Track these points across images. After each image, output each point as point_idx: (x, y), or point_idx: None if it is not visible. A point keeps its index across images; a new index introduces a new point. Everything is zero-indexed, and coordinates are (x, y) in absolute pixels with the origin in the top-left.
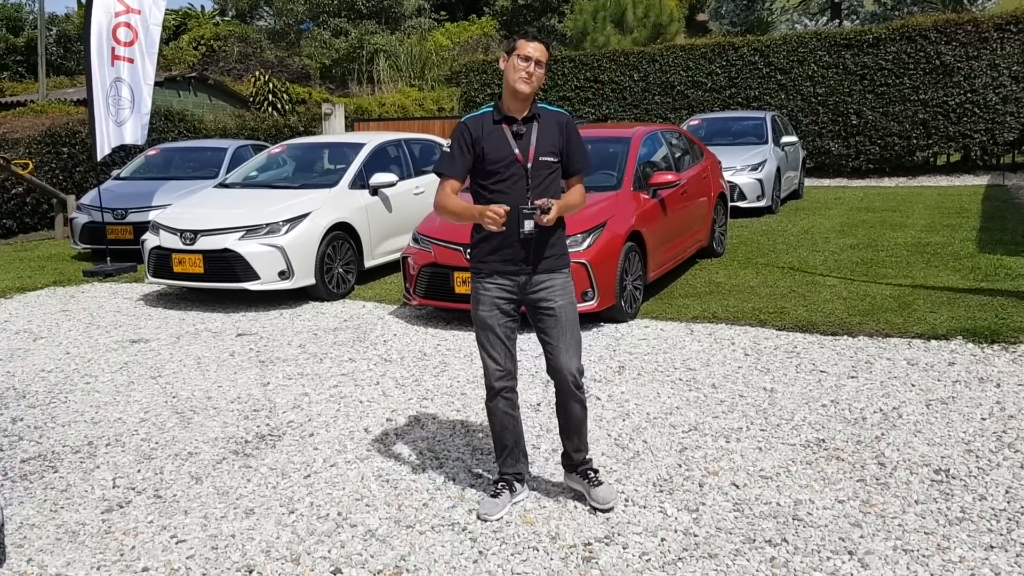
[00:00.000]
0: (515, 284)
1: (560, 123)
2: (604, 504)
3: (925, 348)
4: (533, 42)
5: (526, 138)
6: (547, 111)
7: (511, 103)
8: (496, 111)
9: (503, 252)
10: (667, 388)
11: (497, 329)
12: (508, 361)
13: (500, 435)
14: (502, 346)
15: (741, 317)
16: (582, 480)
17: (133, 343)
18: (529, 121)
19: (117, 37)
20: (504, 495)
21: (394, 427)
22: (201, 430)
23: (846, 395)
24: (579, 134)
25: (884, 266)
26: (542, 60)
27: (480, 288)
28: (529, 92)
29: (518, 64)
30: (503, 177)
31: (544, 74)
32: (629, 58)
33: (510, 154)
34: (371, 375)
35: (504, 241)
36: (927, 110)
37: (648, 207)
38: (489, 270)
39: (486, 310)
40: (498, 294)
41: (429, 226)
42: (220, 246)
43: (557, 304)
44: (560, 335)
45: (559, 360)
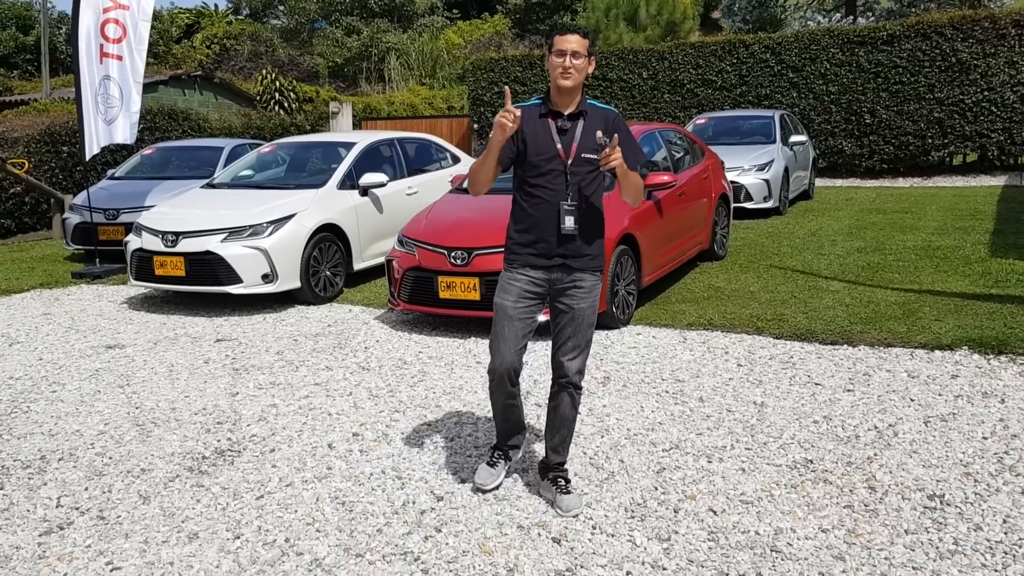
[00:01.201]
0: (546, 279)
1: (607, 120)
2: (566, 511)
3: (928, 359)
4: (568, 34)
5: (570, 134)
6: (596, 108)
7: (557, 98)
8: (544, 104)
9: (539, 245)
10: (652, 401)
11: (515, 321)
12: (516, 357)
13: (502, 420)
14: (515, 338)
15: (738, 324)
16: (552, 487)
17: (108, 349)
18: (576, 117)
19: (105, 34)
20: (500, 464)
21: (359, 443)
22: (159, 444)
23: (840, 410)
24: (629, 131)
25: (891, 271)
26: (580, 51)
27: (509, 278)
28: (571, 86)
29: (555, 60)
30: (543, 171)
31: (586, 64)
32: (638, 56)
33: (552, 149)
34: (345, 385)
35: (542, 234)
36: (943, 109)
37: (643, 209)
38: (522, 262)
39: (511, 300)
40: (527, 287)
41: (414, 228)
42: (202, 248)
43: (579, 306)
44: (572, 334)
45: (564, 356)
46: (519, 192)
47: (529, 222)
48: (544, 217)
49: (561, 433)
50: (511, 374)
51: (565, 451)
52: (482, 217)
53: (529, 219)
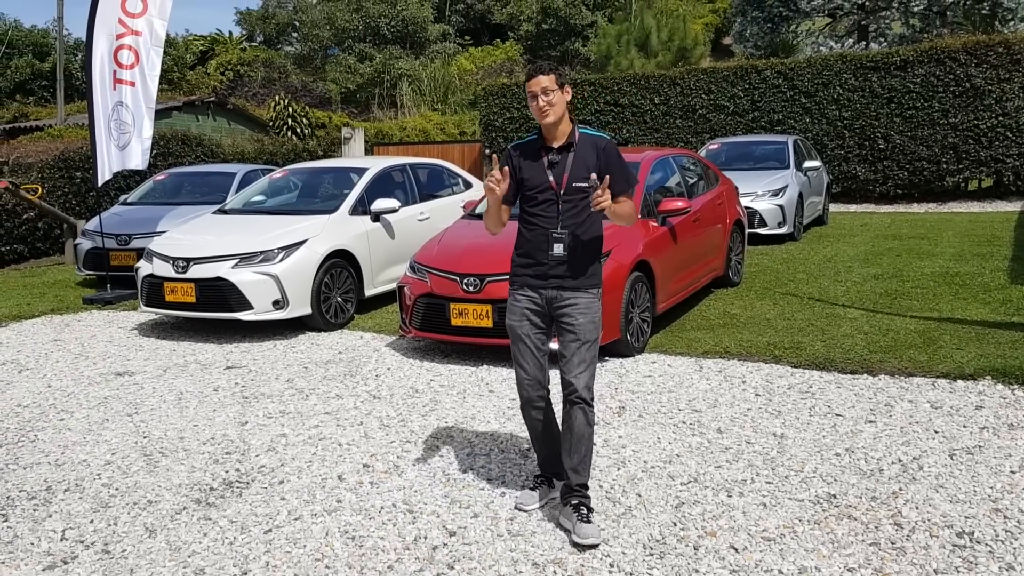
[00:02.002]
0: (543, 298)
1: (598, 147)
2: (583, 540)
3: (951, 389)
4: (534, 77)
5: (560, 165)
6: (586, 136)
7: (546, 132)
8: (539, 139)
9: (535, 268)
10: (669, 432)
11: (527, 340)
12: (537, 371)
13: (537, 440)
14: (532, 356)
15: (755, 352)
16: (573, 514)
17: (118, 376)
18: (565, 149)
19: (119, 60)
20: (542, 489)
21: (370, 475)
22: (166, 475)
23: (862, 442)
24: (619, 156)
25: (909, 298)
26: (549, 87)
27: (512, 299)
28: (553, 121)
29: (532, 104)
30: (538, 202)
31: (561, 95)
32: (650, 81)
33: (544, 181)
34: (356, 414)
35: (536, 258)
36: (957, 134)
37: (657, 235)
38: (521, 283)
39: (516, 320)
40: (527, 305)
41: (426, 254)
42: (213, 274)
43: (578, 322)
44: (576, 351)
45: (570, 374)
46: (520, 219)
47: (527, 247)
48: (537, 242)
49: (579, 452)
50: (537, 388)
51: (586, 471)
52: (495, 243)
53: (527, 244)
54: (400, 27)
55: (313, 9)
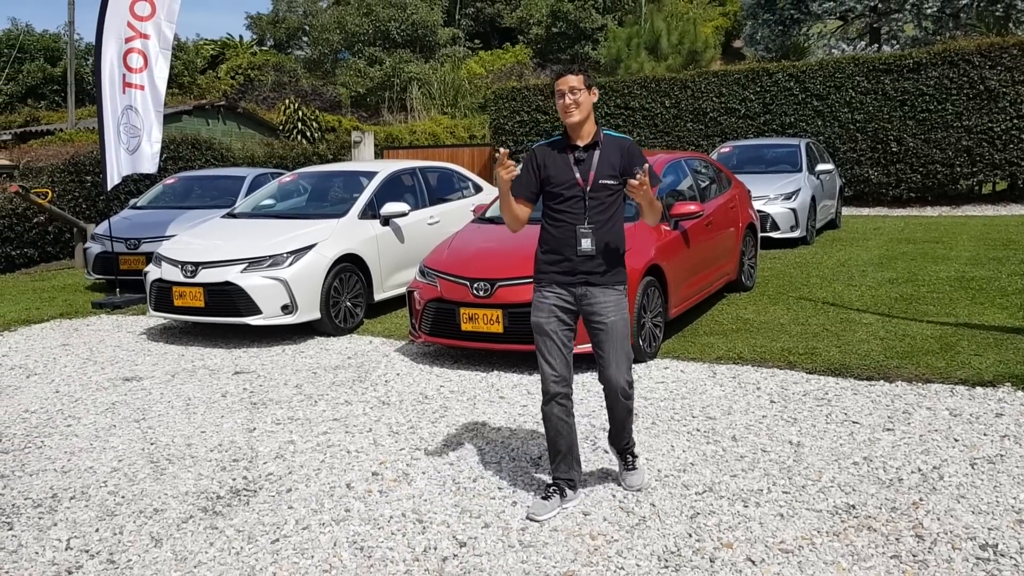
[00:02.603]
0: (571, 295)
1: (622, 147)
2: (631, 488)
3: (970, 396)
4: (563, 76)
5: (587, 163)
6: (611, 137)
7: (571, 131)
8: (564, 139)
9: (562, 265)
10: (683, 440)
11: (553, 336)
12: (563, 368)
13: (554, 440)
14: (558, 352)
15: (769, 358)
16: (620, 461)
17: (126, 381)
18: (592, 148)
19: (128, 64)
20: (554, 499)
21: (379, 483)
22: (173, 483)
23: (880, 451)
24: (642, 157)
25: (925, 302)
26: (577, 87)
27: (539, 296)
28: (578, 120)
29: (558, 101)
30: (564, 199)
31: (587, 96)
32: (660, 84)
33: (571, 178)
34: (365, 420)
35: (564, 255)
36: (971, 137)
37: (669, 239)
38: (548, 280)
39: (543, 317)
40: (555, 302)
41: (436, 259)
42: (221, 279)
43: (609, 320)
44: (611, 349)
45: (608, 372)
46: (545, 217)
47: (553, 244)
48: (565, 239)
49: (623, 432)
50: (562, 384)
51: (629, 438)
52: (505, 247)
53: (553, 241)
54: (410, 31)
55: (323, 13)
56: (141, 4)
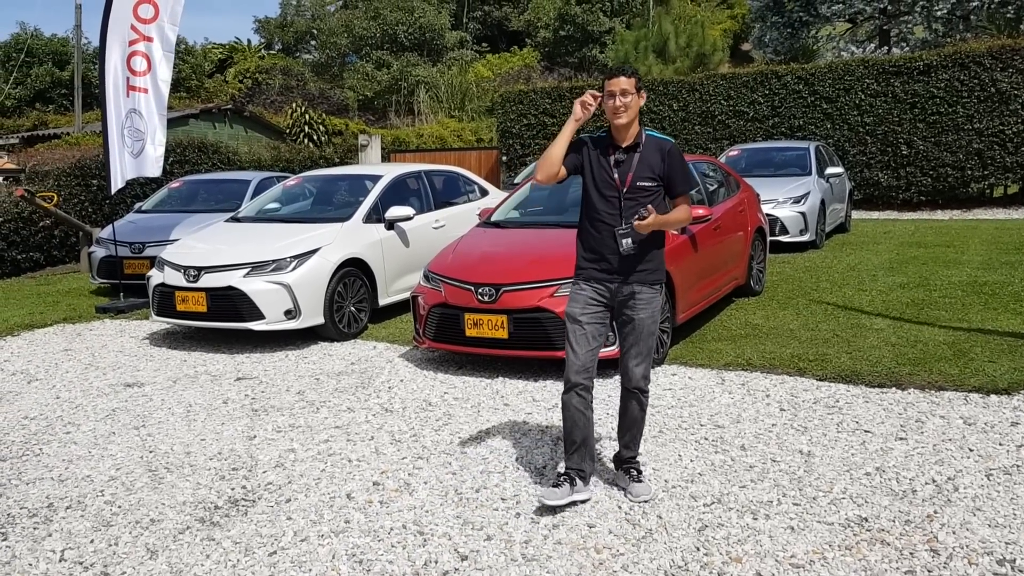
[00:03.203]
0: (608, 291)
1: (663, 150)
2: (637, 498)
3: (984, 404)
4: (615, 78)
5: (626, 164)
6: (652, 138)
7: (615, 132)
8: (608, 138)
9: (601, 263)
10: (690, 449)
11: (585, 325)
12: (589, 359)
13: (570, 431)
14: (586, 343)
15: (778, 365)
16: (625, 476)
17: (127, 387)
18: (633, 149)
19: (132, 67)
20: (565, 487)
21: (380, 493)
22: (171, 492)
23: (893, 461)
24: (682, 159)
25: (937, 308)
26: (628, 89)
27: (576, 288)
28: (625, 122)
29: (608, 102)
30: (602, 198)
31: (637, 99)
32: (668, 87)
33: (610, 178)
34: (367, 428)
35: (604, 253)
36: (982, 139)
37: (676, 244)
38: (586, 276)
39: (578, 308)
40: (591, 295)
41: (440, 263)
42: (224, 283)
43: (638, 316)
44: (634, 343)
45: (628, 363)
46: (583, 216)
47: (592, 242)
48: (604, 238)
49: (632, 432)
50: (584, 374)
51: (636, 446)
52: (511, 252)
53: (592, 239)
54: (417, 34)
55: (331, 17)
56: (144, 7)
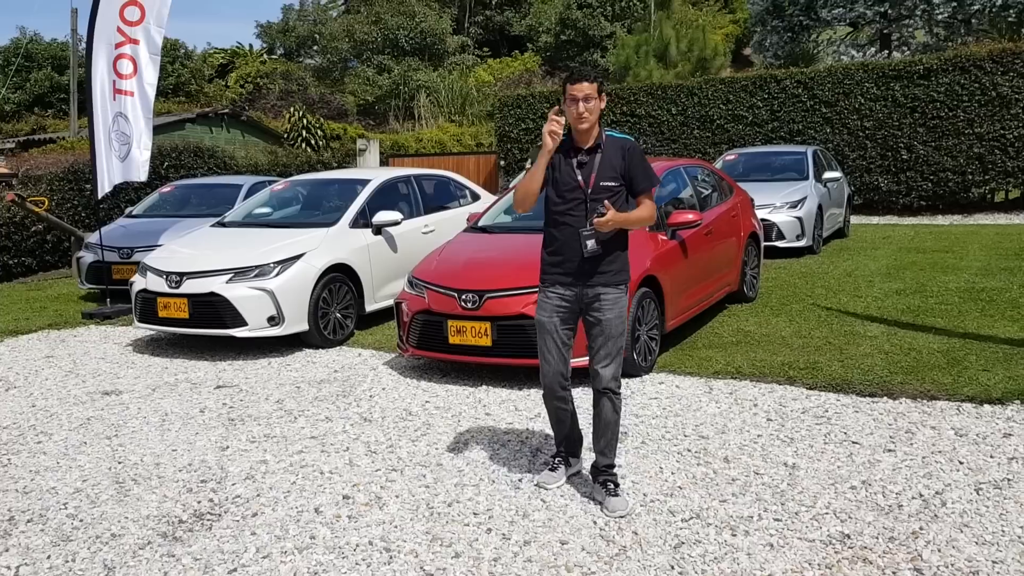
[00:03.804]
0: (574, 295)
1: (623, 149)
2: (613, 512)
3: (977, 414)
4: (577, 83)
5: (588, 166)
6: (612, 138)
7: (577, 136)
8: (567, 140)
9: (565, 266)
10: (672, 461)
11: (554, 334)
12: (561, 364)
13: (556, 426)
14: (557, 350)
15: (768, 373)
16: (602, 489)
17: (105, 395)
18: (593, 151)
19: (118, 70)
20: (560, 469)
21: (349, 507)
22: (136, 505)
23: (880, 474)
24: (642, 157)
25: (933, 315)
26: (591, 95)
27: (543, 296)
28: (587, 127)
29: (570, 106)
30: (567, 201)
31: (598, 103)
32: (667, 92)
33: (573, 181)
34: (343, 438)
35: (567, 257)
36: (983, 144)
37: (666, 249)
38: (551, 281)
39: (546, 316)
40: (558, 302)
41: (425, 269)
42: (206, 289)
43: (605, 317)
44: (603, 344)
45: (598, 365)
46: (547, 220)
47: (556, 245)
48: (569, 241)
49: (606, 437)
50: (559, 379)
51: (612, 453)
52: (495, 258)
53: (556, 243)
54: (419, 39)
55: (332, 22)
56: (130, 9)
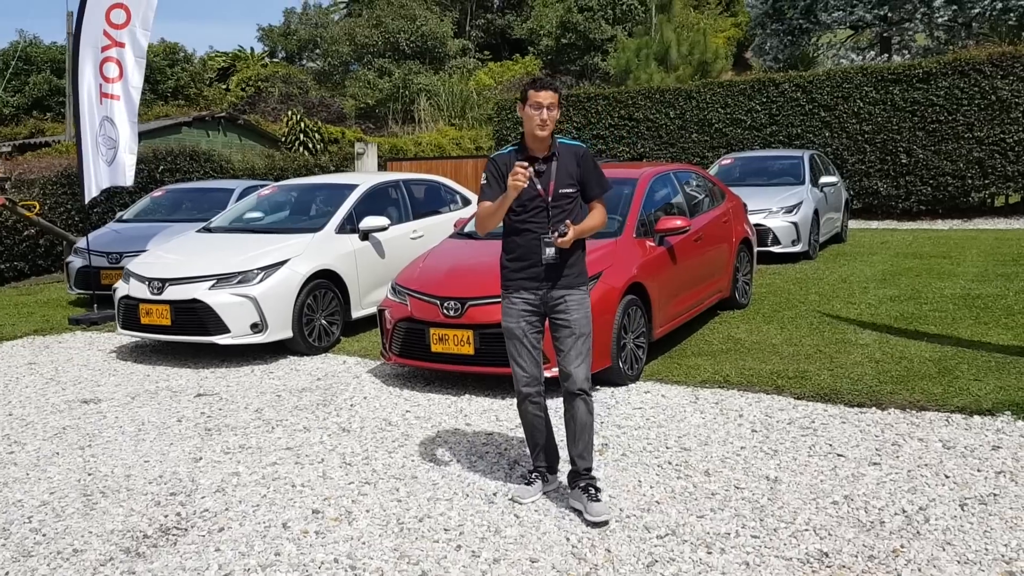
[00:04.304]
0: (538, 298)
1: (577, 155)
2: (595, 517)
3: (966, 426)
4: (542, 91)
5: (546, 175)
6: (565, 145)
7: (532, 144)
8: (520, 150)
9: (528, 271)
10: (651, 474)
11: (523, 339)
12: (534, 367)
13: (531, 434)
14: (528, 354)
15: (756, 382)
16: (582, 495)
17: (83, 404)
18: (549, 159)
19: (104, 74)
20: (537, 484)
21: (318, 522)
22: (101, 519)
23: (864, 489)
24: (595, 163)
25: (926, 322)
26: (553, 103)
27: (508, 303)
28: (546, 135)
29: (532, 113)
30: (527, 209)
31: (557, 114)
32: (665, 95)
33: (533, 190)
34: (319, 450)
35: (529, 263)
36: (983, 148)
37: (653, 256)
38: (516, 287)
39: (513, 322)
40: (523, 307)
41: (408, 276)
42: (188, 296)
43: (572, 318)
44: (572, 345)
45: (568, 367)
46: (508, 228)
47: (519, 252)
48: (531, 247)
49: (583, 439)
50: (534, 384)
51: (590, 456)
52: (479, 264)
53: (519, 249)
54: (419, 42)
55: (334, 25)
56: (116, 11)
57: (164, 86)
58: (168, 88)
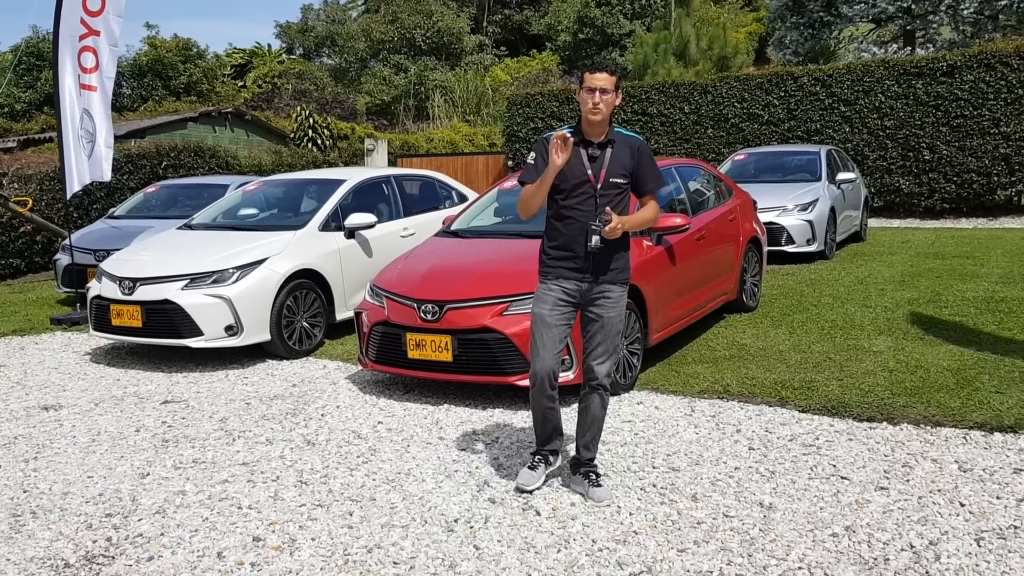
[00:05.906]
0: (578, 289)
1: (632, 147)
2: (598, 502)
3: (985, 444)
4: (597, 72)
5: (599, 161)
6: (622, 136)
7: (587, 128)
8: (576, 133)
9: (572, 260)
10: (633, 499)
11: (552, 328)
12: (554, 360)
13: (541, 424)
14: (553, 344)
15: (758, 393)
16: (583, 480)
17: (43, 410)
18: (604, 146)
19: (82, 64)
20: (540, 468)
21: (257, 551)
22: (24, 544)
23: (868, 518)
24: (651, 157)
25: (946, 327)
26: (608, 87)
27: (544, 288)
28: (600, 119)
29: (585, 96)
30: (575, 194)
31: (614, 98)
32: (680, 89)
33: (583, 174)
34: (277, 465)
35: (573, 251)
36: (1010, 144)
37: (650, 257)
38: (556, 274)
39: (546, 309)
40: (560, 296)
41: (386, 277)
42: (159, 296)
43: (608, 314)
44: (601, 340)
45: (594, 361)
46: (552, 213)
47: (562, 240)
48: (575, 235)
49: (592, 431)
50: (550, 377)
51: (595, 447)
52: (461, 265)
53: (562, 237)
54: (436, 38)
55: (351, 22)
56: None
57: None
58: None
